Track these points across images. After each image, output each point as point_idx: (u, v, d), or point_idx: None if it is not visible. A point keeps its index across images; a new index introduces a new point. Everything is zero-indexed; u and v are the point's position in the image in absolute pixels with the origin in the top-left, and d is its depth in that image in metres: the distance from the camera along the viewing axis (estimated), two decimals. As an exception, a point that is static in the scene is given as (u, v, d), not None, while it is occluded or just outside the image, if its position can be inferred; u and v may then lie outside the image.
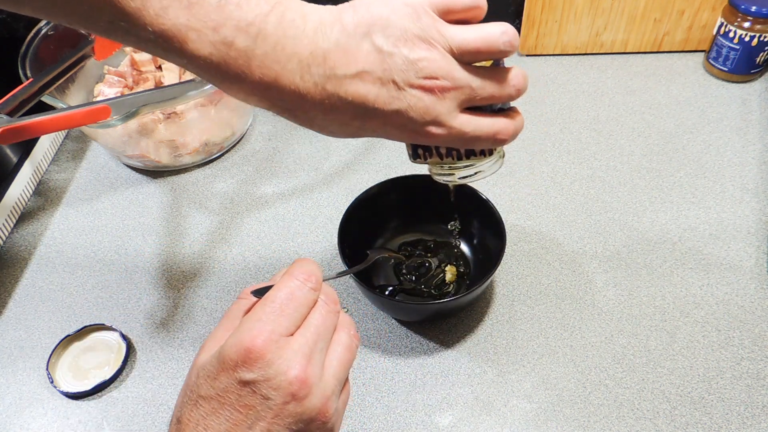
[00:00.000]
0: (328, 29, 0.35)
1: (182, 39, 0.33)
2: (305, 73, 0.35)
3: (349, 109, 0.36)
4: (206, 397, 0.34)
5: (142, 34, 0.33)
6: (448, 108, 0.37)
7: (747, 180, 0.72)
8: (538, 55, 0.91)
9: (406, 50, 0.35)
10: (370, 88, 0.35)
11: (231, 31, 0.33)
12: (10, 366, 0.60)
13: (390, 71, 0.35)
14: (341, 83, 0.35)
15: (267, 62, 0.34)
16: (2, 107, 0.53)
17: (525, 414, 0.54)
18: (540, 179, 0.74)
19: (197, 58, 0.34)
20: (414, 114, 0.36)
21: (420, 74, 0.35)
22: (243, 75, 0.35)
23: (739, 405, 0.54)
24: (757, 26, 0.78)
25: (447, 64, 0.36)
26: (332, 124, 0.38)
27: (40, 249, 0.71)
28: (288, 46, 0.34)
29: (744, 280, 0.63)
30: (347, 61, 0.35)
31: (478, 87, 0.37)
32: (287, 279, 0.37)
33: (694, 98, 0.83)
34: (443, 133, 0.38)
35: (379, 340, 0.60)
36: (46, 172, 0.80)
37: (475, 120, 0.38)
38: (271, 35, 0.34)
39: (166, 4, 0.32)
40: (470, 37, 0.37)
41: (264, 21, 0.34)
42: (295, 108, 0.37)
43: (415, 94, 0.36)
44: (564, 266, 0.65)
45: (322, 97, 0.36)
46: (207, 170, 0.79)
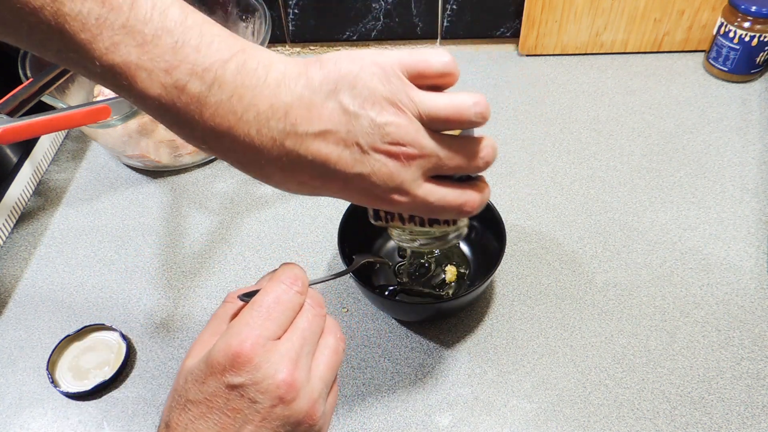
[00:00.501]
0: (293, 82, 0.33)
1: (131, 76, 0.31)
2: (263, 126, 0.33)
3: (308, 169, 0.35)
4: (194, 401, 0.34)
5: (90, 66, 0.32)
6: (413, 176, 0.35)
7: (747, 180, 0.72)
8: (538, 55, 0.91)
9: (374, 113, 0.33)
10: (332, 149, 0.34)
11: (184, 75, 0.31)
12: (10, 366, 0.60)
13: (355, 133, 0.34)
14: (302, 141, 0.34)
15: (221, 111, 0.32)
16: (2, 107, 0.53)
17: (525, 414, 0.54)
18: (540, 179, 0.74)
19: (146, 98, 0.32)
20: (377, 179, 0.35)
21: (386, 139, 0.34)
22: (194, 121, 0.33)
23: (739, 405, 0.54)
24: (757, 26, 0.78)
25: (414, 131, 0.34)
26: (289, 182, 0.36)
27: (40, 249, 0.71)
28: (246, 97, 0.32)
29: (744, 280, 0.63)
30: (310, 117, 0.33)
31: (446, 157, 0.36)
32: (274, 283, 0.37)
33: (694, 98, 0.83)
34: (406, 201, 0.36)
35: (379, 340, 0.60)
36: (46, 172, 0.80)
37: (441, 190, 0.37)
38: (229, 83, 0.32)
39: (118, 40, 0.31)
40: (441, 105, 0.35)
41: (222, 68, 0.32)
42: (250, 162, 0.35)
43: (380, 159, 0.34)
44: (564, 266, 0.65)
45: (280, 153, 0.34)
46: (207, 170, 0.79)
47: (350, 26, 0.91)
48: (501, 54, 0.93)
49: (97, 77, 0.32)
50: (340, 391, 0.57)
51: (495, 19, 0.90)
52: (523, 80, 0.88)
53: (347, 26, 0.91)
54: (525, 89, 0.86)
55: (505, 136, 0.80)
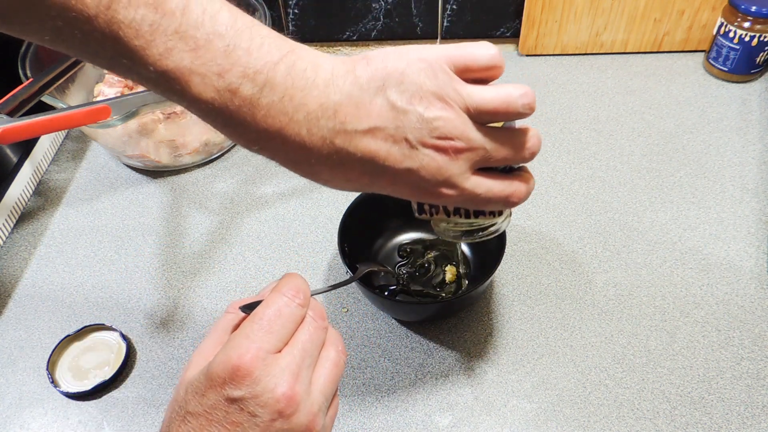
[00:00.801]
0: (341, 81, 0.34)
1: (185, 81, 0.32)
2: (313, 126, 0.33)
3: (357, 166, 0.35)
4: (194, 414, 0.34)
5: (144, 72, 0.32)
6: (460, 169, 0.36)
7: (747, 180, 0.72)
8: (538, 55, 0.91)
9: (422, 108, 0.34)
10: (381, 145, 0.34)
11: (237, 78, 0.32)
12: (10, 366, 0.60)
13: (403, 129, 0.34)
14: (351, 138, 0.34)
15: (272, 112, 0.33)
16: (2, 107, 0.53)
17: (525, 414, 0.54)
18: (540, 179, 0.74)
19: (199, 102, 0.33)
20: (426, 174, 0.35)
21: (434, 134, 0.34)
22: (246, 123, 0.33)
23: (739, 405, 0.54)
24: (757, 26, 0.78)
25: (462, 125, 0.35)
26: (338, 179, 0.36)
27: (40, 249, 0.71)
28: (296, 97, 0.33)
29: (744, 280, 0.63)
30: (359, 115, 0.34)
31: (493, 149, 0.36)
32: (275, 295, 0.37)
33: (694, 98, 0.83)
34: (455, 194, 0.36)
35: (379, 340, 0.60)
36: (46, 172, 0.80)
37: (488, 182, 0.37)
38: (279, 85, 0.32)
39: (171, 45, 0.31)
40: (488, 98, 0.35)
41: (273, 69, 0.32)
42: (300, 161, 0.35)
43: (428, 153, 0.35)
44: (564, 266, 0.65)
45: (330, 151, 0.34)
46: (207, 170, 0.79)
47: (350, 26, 0.91)
48: (501, 54, 0.93)
49: (150, 83, 0.33)
50: (340, 392, 0.57)
51: (495, 19, 0.90)
52: (523, 80, 0.88)
53: (347, 26, 0.91)
54: (525, 89, 0.86)
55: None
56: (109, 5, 0.30)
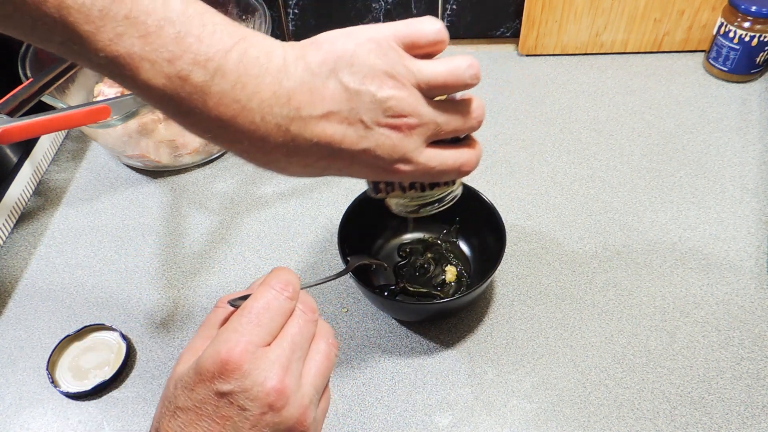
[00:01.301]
0: (292, 68, 0.34)
1: (135, 67, 0.31)
2: (267, 113, 0.33)
3: (314, 151, 0.35)
4: (184, 408, 0.34)
5: (93, 58, 0.31)
6: (415, 144, 0.36)
7: (747, 180, 0.72)
8: (538, 55, 0.91)
9: (374, 87, 0.34)
10: (336, 128, 0.34)
11: (187, 65, 0.31)
12: (10, 366, 0.60)
13: (357, 110, 0.34)
14: (306, 124, 0.34)
15: (225, 100, 0.32)
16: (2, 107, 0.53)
17: (525, 414, 0.54)
18: (540, 179, 0.74)
19: (150, 89, 0.32)
20: (382, 152, 0.35)
21: (388, 113, 0.34)
22: (198, 111, 0.33)
23: (739, 405, 0.54)
24: (757, 26, 0.78)
25: (414, 101, 0.35)
26: (294, 166, 0.36)
27: (40, 249, 0.71)
28: (249, 85, 0.33)
29: (744, 280, 0.63)
30: (313, 101, 0.34)
31: (444, 122, 0.37)
32: (264, 289, 0.37)
33: (694, 98, 0.83)
34: (410, 169, 0.37)
35: (379, 340, 0.60)
36: (46, 172, 0.80)
37: (441, 154, 0.38)
38: (231, 72, 0.32)
39: (121, 31, 0.30)
40: (438, 71, 0.36)
41: (224, 57, 0.32)
42: (254, 149, 0.35)
43: (383, 132, 0.35)
44: (564, 266, 0.65)
45: (286, 139, 0.34)
46: (207, 170, 0.79)
47: (350, 26, 0.91)
48: (501, 54, 0.93)
49: (100, 68, 0.32)
50: (340, 391, 0.57)
51: (495, 19, 0.90)
52: (523, 80, 0.88)
53: (347, 26, 0.91)
54: (525, 89, 0.86)
55: (505, 136, 0.80)
56: None
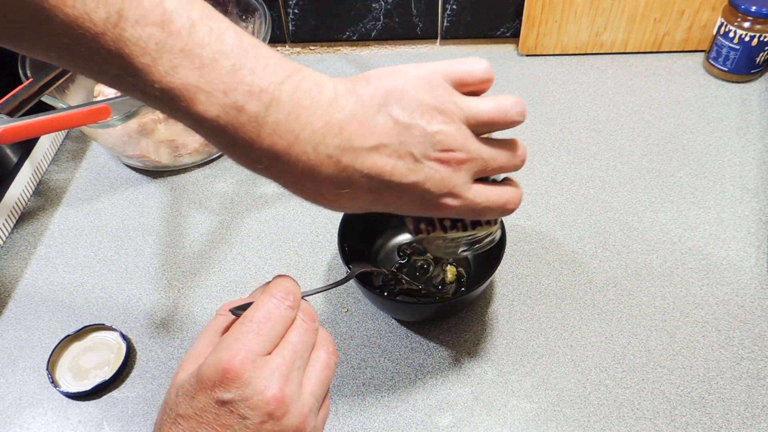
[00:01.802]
0: (344, 100, 0.34)
1: (190, 99, 0.32)
2: (319, 144, 0.34)
3: (364, 183, 0.35)
4: (185, 416, 0.34)
5: (149, 90, 0.32)
6: (462, 179, 0.37)
7: (747, 180, 0.72)
8: (538, 55, 0.91)
9: (423, 122, 0.35)
10: (386, 161, 0.35)
11: (242, 96, 0.32)
12: (10, 366, 0.60)
13: (407, 144, 0.35)
14: (357, 156, 0.34)
15: (279, 130, 0.33)
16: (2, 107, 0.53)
17: (525, 414, 0.54)
18: (540, 179, 0.74)
19: (205, 120, 0.32)
20: (431, 186, 0.36)
21: (437, 147, 0.35)
22: (251, 141, 0.33)
23: (739, 405, 0.54)
24: (757, 26, 0.78)
25: (463, 137, 0.36)
26: (343, 198, 0.37)
27: (40, 249, 0.71)
28: (302, 116, 0.33)
29: (744, 280, 0.63)
30: (363, 133, 0.34)
31: (490, 158, 0.38)
32: (265, 297, 0.37)
33: (694, 98, 0.83)
34: (457, 204, 0.37)
35: (379, 340, 0.60)
36: (46, 172, 0.80)
37: (487, 190, 0.39)
38: (285, 103, 0.33)
39: (177, 63, 0.31)
40: (485, 108, 0.37)
41: (278, 89, 0.33)
42: (304, 180, 0.35)
43: (432, 166, 0.36)
44: (564, 266, 0.65)
45: (337, 170, 0.35)
46: (207, 170, 0.79)
47: (350, 26, 0.91)
48: (501, 54, 0.93)
49: (155, 101, 0.33)
50: (340, 391, 0.57)
51: (495, 19, 0.90)
52: (523, 80, 0.88)
53: (347, 26, 0.91)
54: (525, 89, 0.86)
55: (505, 136, 0.80)
56: (117, 23, 0.30)
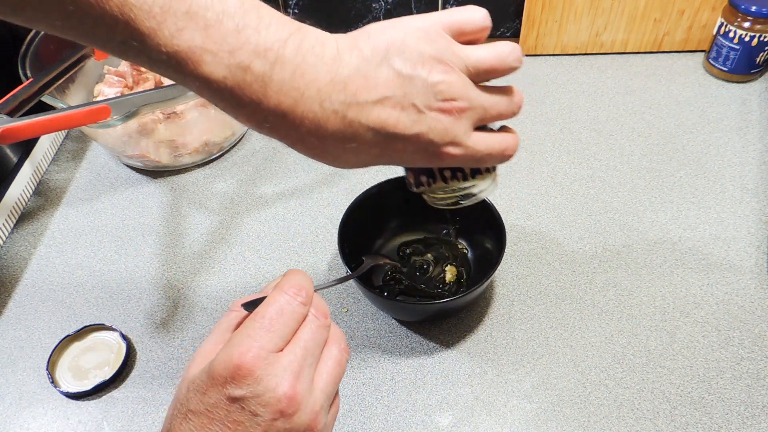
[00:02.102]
0: (347, 56, 0.35)
1: (197, 61, 0.32)
2: (325, 100, 0.34)
3: (369, 137, 0.36)
4: (196, 412, 0.34)
5: (155, 55, 0.32)
6: (464, 128, 0.37)
7: (747, 180, 0.72)
8: (538, 55, 0.91)
9: (425, 73, 0.35)
10: (390, 113, 0.35)
11: (248, 56, 0.33)
12: (10, 366, 0.60)
13: (410, 95, 0.35)
14: (362, 110, 0.35)
15: (285, 89, 0.34)
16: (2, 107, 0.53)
17: (525, 414, 0.54)
18: (540, 179, 0.74)
19: (211, 82, 0.33)
20: (434, 136, 0.36)
21: (439, 96, 0.36)
22: (258, 101, 0.34)
23: (739, 405, 0.54)
24: (757, 26, 0.78)
25: (463, 85, 0.36)
26: (347, 153, 0.37)
27: (40, 249, 0.71)
28: (307, 73, 0.34)
29: (744, 280, 0.63)
30: (367, 87, 0.35)
31: (490, 106, 0.38)
32: (277, 293, 0.37)
33: (694, 98, 0.83)
34: (460, 152, 0.38)
35: (379, 340, 0.60)
36: (46, 172, 0.80)
37: (487, 138, 0.39)
38: (290, 62, 0.33)
39: (182, 26, 0.31)
40: (484, 56, 0.37)
41: (282, 47, 0.33)
42: (310, 136, 0.36)
43: (435, 116, 0.36)
44: (564, 266, 0.65)
45: (343, 125, 0.35)
46: (207, 170, 0.79)
47: (350, 26, 0.91)
48: (501, 54, 0.92)
49: (161, 65, 0.33)
50: (340, 391, 0.56)
51: (495, 19, 0.90)
52: (523, 80, 0.88)
53: (347, 26, 0.91)
54: (525, 89, 0.86)
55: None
56: None
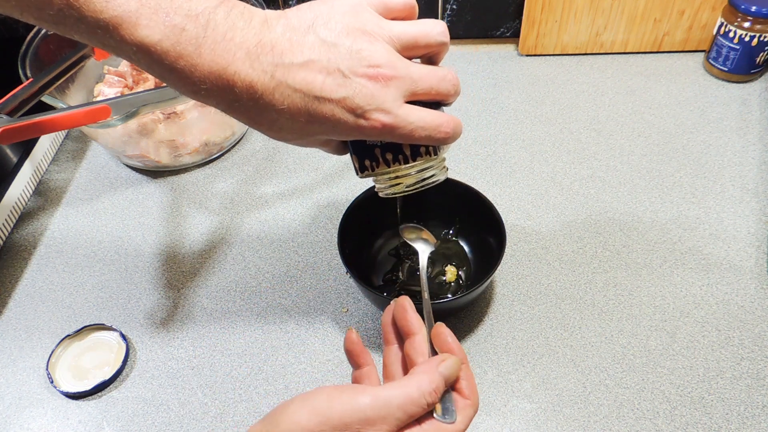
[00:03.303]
0: (274, 22, 0.37)
1: (133, 24, 0.34)
2: (254, 61, 0.36)
3: (296, 99, 0.37)
4: None
5: (91, 21, 0.34)
6: (393, 96, 0.38)
7: (747, 180, 0.72)
8: (538, 55, 0.91)
9: (349, 41, 0.37)
10: (316, 76, 0.37)
11: (181, 19, 0.34)
12: (10, 366, 0.60)
13: (335, 60, 0.37)
14: (289, 71, 0.37)
15: (218, 50, 0.35)
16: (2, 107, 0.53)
17: (525, 414, 0.54)
18: (540, 179, 0.74)
19: (147, 46, 0.34)
20: (360, 100, 0.38)
21: (363, 63, 0.37)
22: (192, 63, 0.35)
23: (739, 405, 0.54)
24: (757, 26, 0.78)
25: (388, 53, 0.38)
26: (282, 117, 0.38)
27: (40, 249, 0.71)
28: (237, 36, 0.36)
29: (744, 280, 0.63)
30: (293, 50, 0.37)
31: (419, 78, 0.39)
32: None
33: (694, 98, 0.83)
34: (388, 120, 0.39)
35: (379, 340, 0.60)
36: (46, 172, 0.80)
37: (419, 110, 0.40)
38: (221, 25, 0.35)
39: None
40: (408, 29, 0.40)
41: (213, 12, 0.35)
42: (245, 99, 0.37)
43: (360, 81, 0.37)
44: (564, 266, 0.65)
45: (272, 85, 0.37)
46: (207, 170, 0.79)
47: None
48: (501, 54, 0.93)
49: (97, 33, 0.35)
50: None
51: (495, 19, 0.90)
52: (523, 80, 0.88)
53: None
54: (525, 89, 0.86)
55: (505, 136, 0.80)
56: None
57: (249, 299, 0.64)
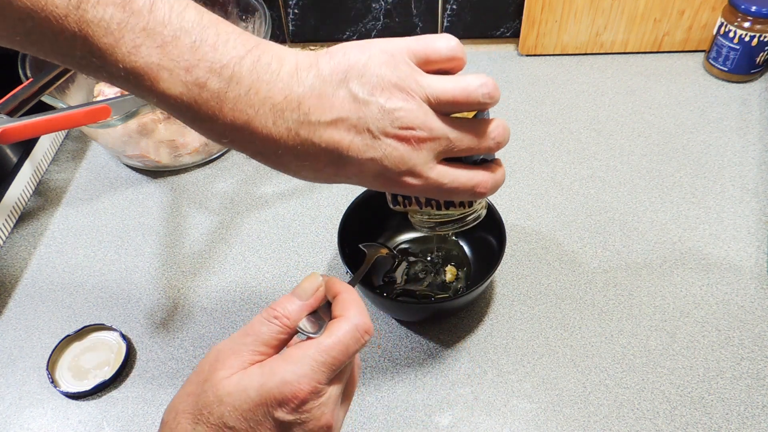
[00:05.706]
0: (304, 74, 0.35)
1: (154, 77, 0.33)
2: (278, 118, 0.34)
3: (322, 156, 0.36)
4: (234, 428, 0.35)
5: (113, 70, 0.33)
6: (424, 159, 0.36)
7: (747, 180, 0.72)
8: (538, 55, 0.91)
9: (383, 99, 0.35)
10: (344, 135, 0.35)
11: (204, 73, 0.33)
12: (10, 366, 0.60)
13: (365, 120, 0.35)
14: (315, 129, 0.35)
15: (239, 105, 0.34)
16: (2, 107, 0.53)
17: (525, 414, 0.54)
18: (540, 179, 0.74)
19: (168, 98, 0.33)
20: (389, 163, 0.36)
21: (396, 124, 0.35)
22: (214, 117, 0.34)
23: (739, 405, 0.54)
24: (757, 26, 0.78)
25: (423, 114, 0.35)
26: (305, 170, 0.37)
27: (40, 249, 0.71)
28: (261, 91, 0.34)
29: (744, 280, 0.63)
30: (322, 107, 0.35)
31: (456, 138, 0.37)
32: (350, 333, 0.36)
33: (694, 98, 0.83)
34: (419, 183, 0.37)
35: (379, 340, 0.60)
36: (46, 172, 0.80)
37: (453, 172, 0.38)
38: (245, 78, 0.34)
39: (139, 43, 0.32)
40: (448, 87, 0.36)
41: (239, 64, 0.34)
42: (268, 152, 0.36)
43: (390, 143, 0.35)
44: (564, 266, 0.65)
45: (295, 143, 0.35)
46: (207, 170, 0.79)
47: (350, 26, 0.91)
48: (501, 54, 0.93)
49: (120, 81, 0.34)
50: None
51: (495, 19, 0.90)
52: (523, 80, 0.88)
53: (347, 26, 0.91)
54: (525, 89, 0.86)
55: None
56: (78, 5, 0.31)
57: (249, 299, 0.64)
